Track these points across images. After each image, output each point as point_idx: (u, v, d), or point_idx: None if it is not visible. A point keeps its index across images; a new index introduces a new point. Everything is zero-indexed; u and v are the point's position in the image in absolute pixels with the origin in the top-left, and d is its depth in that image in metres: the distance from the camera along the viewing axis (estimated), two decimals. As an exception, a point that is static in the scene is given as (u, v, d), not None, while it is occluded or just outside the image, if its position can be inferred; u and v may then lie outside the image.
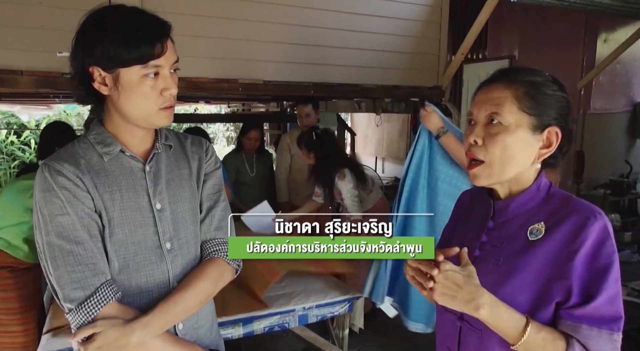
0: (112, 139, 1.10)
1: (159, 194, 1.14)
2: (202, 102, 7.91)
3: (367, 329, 3.21)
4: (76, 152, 1.08)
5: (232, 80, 3.33)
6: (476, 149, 1.00)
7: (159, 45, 1.02)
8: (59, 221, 1.02)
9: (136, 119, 1.08)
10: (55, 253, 1.02)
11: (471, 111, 1.03)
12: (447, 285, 0.89)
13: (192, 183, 1.21)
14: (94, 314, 1.02)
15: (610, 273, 0.90)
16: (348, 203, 3.10)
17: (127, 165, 1.12)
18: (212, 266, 1.19)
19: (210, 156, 1.27)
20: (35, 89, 2.84)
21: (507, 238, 1.01)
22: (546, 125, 0.97)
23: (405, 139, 7.91)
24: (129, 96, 1.04)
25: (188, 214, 1.19)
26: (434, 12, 4.07)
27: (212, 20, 3.21)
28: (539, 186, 1.01)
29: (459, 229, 1.15)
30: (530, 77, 0.98)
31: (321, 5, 3.59)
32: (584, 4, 3.22)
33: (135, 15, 1.04)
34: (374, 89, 3.96)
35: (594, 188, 5.52)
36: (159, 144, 1.16)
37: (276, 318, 2.48)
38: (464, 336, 1.05)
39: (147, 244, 1.11)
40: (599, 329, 0.88)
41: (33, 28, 2.72)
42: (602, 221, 0.92)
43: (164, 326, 1.08)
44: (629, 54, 5.13)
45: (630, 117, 5.86)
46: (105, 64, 1.02)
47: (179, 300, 1.10)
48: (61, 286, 1.02)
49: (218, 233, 1.23)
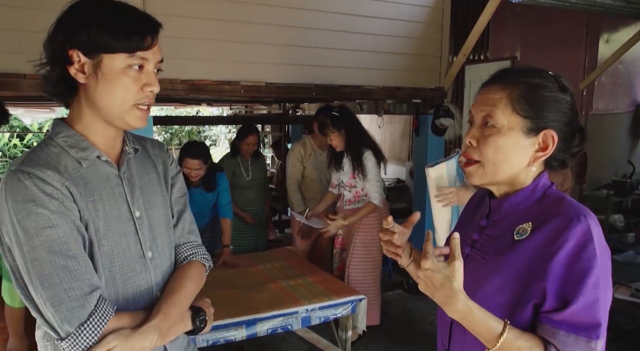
0: (86, 143, 1.02)
1: (137, 201, 1.10)
2: (204, 105, 7.92)
3: (370, 330, 3.21)
4: (49, 157, 0.99)
5: (234, 82, 3.34)
6: (471, 150, 1.01)
7: (149, 38, 0.99)
8: (48, 234, 0.92)
9: (110, 114, 1.00)
10: (47, 270, 0.92)
11: (470, 112, 1.04)
12: (427, 283, 0.90)
13: (162, 188, 1.18)
14: (99, 331, 0.96)
15: (588, 278, 0.86)
16: (372, 184, 3.08)
17: (102, 171, 1.05)
18: (193, 268, 1.20)
19: (173, 160, 1.25)
20: (37, 92, 2.85)
21: (496, 237, 1.02)
22: (542, 128, 0.96)
23: (407, 140, 7.91)
24: (108, 85, 0.97)
25: (162, 220, 1.16)
26: (435, 14, 4.07)
27: (214, 22, 3.22)
28: (535, 187, 1.00)
29: (463, 225, 1.16)
30: (527, 79, 0.97)
31: (323, 8, 3.60)
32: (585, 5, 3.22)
33: (127, 6, 1.01)
34: (376, 91, 3.96)
35: (596, 189, 5.51)
36: (129, 148, 1.11)
37: (279, 320, 2.48)
38: (454, 330, 1.07)
39: (131, 254, 1.07)
40: (576, 336, 0.86)
41: (36, 32, 2.71)
42: (585, 224, 0.89)
43: (169, 328, 1.07)
44: (631, 54, 5.12)
45: (632, 117, 5.85)
46: (88, 48, 0.96)
47: (176, 302, 1.09)
48: (56, 307, 0.92)
49: (191, 236, 1.24)
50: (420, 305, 3.96)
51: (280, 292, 2.73)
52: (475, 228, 1.08)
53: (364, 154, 3.09)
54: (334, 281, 3.01)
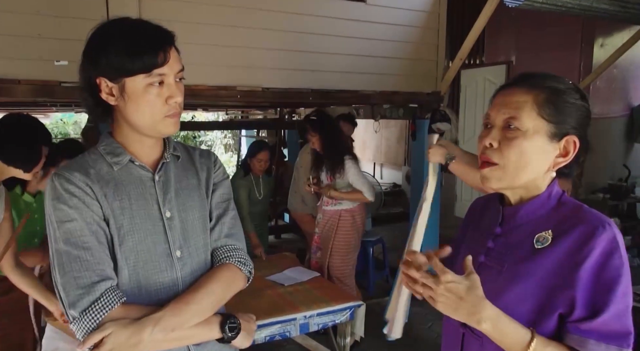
0: (121, 150, 1.12)
1: (169, 203, 1.14)
2: (200, 110, 7.90)
3: (368, 336, 3.18)
4: (86, 163, 1.11)
5: (230, 87, 3.33)
6: (491, 152, 0.98)
7: (162, 54, 1.04)
8: (67, 227, 1.03)
9: (143, 128, 1.09)
10: (63, 259, 1.02)
11: (489, 114, 1.01)
12: (448, 296, 0.86)
13: (201, 192, 1.21)
14: (100, 319, 1.00)
15: (618, 287, 0.86)
16: (359, 185, 3.23)
17: (136, 174, 1.13)
18: (224, 270, 1.19)
19: (219, 167, 1.28)
20: (32, 97, 2.82)
21: (514, 245, 0.99)
22: (564, 134, 0.95)
23: (404, 145, 7.92)
24: (135, 104, 1.06)
25: (198, 223, 1.19)
26: (432, 18, 4.08)
27: (211, 27, 3.21)
28: (550, 193, 0.99)
29: (469, 234, 1.14)
30: (552, 84, 0.96)
31: (320, 13, 3.59)
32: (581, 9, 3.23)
33: (139, 26, 1.06)
34: (373, 95, 3.96)
35: (592, 192, 5.52)
36: (168, 154, 1.18)
37: (277, 327, 2.46)
38: (466, 343, 1.04)
39: (157, 251, 1.11)
40: (607, 345, 0.85)
41: (30, 37, 2.71)
42: (611, 232, 0.88)
43: (176, 325, 1.05)
44: (626, 58, 5.13)
45: (627, 121, 5.87)
46: (110, 75, 1.04)
47: (190, 300, 1.09)
48: (67, 292, 1.01)
49: (229, 240, 1.23)
50: (418, 309, 3.93)
51: (277, 298, 2.71)
52: (488, 236, 1.05)
53: (345, 161, 3.25)
54: (331, 287, 2.99)
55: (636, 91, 5.84)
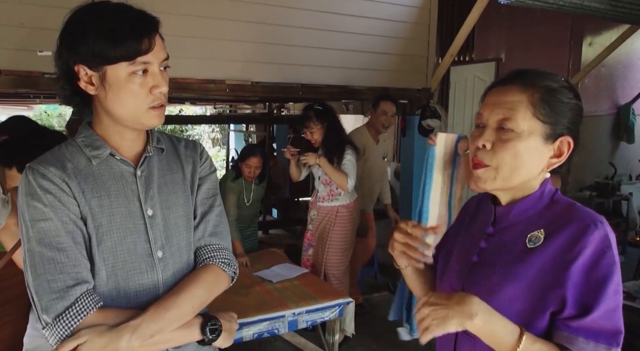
0: (101, 142, 1.05)
1: (151, 200, 1.08)
2: (188, 104, 7.81)
3: (358, 334, 3.17)
4: (63, 156, 1.03)
5: (219, 81, 3.28)
6: (483, 153, 0.95)
7: (147, 41, 0.97)
8: (41, 226, 0.96)
9: (125, 120, 1.03)
10: (36, 260, 0.96)
11: (481, 113, 0.97)
12: (435, 309, 0.87)
13: (185, 188, 1.15)
14: (75, 325, 0.95)
15: (609, 285, 0.85)
16: (348, 168, 3.14)
17: (117, 169, 1.06)
18: (207, 272, 1.13)
19: (205, 160, 1.21)
20: (14, 89, 2.75)
21: (506, 245, 0.98)
22: (559, 134, 0.93)
23: (393, 141, 7.91)
24: (117, 94, 0.98)
25: (181, 221, 1.13)
26: (422, 14, 4.06)
27: (200, 20, 3.15)
28: (542, 192, 0.97)
29: (462, 233, 1.12)
30: (546, 82, 0.93)
31: (310, 7, 3.55)
32: (572, 7, 3.23)
33: (121, 10, 0.98)
34: (363, 91, 3.93)
35: (579, 190, 5.57)
36: (151, 147, 1.11)
37: (265, 324, 2.43)
38: (459, 344, 1.03)
39: (137, 252, 1.05)
40: (596, 343, 0.85)
41: (12, 26, 2.62)
42: (603, 230, 0.87)
43: (155, 332, 1.00)
44: (613, 57, 5.18)
45: (614, 120, 5.93)
46: (90, 62, 0.97)
47: (170, 305, 1.03)
48: (39, 296, 0.95)
49: (213, 238, 1.17)
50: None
51: (266, 295, 2.68)
52: (480, 236, 1.03)
53: (346, 150, 3.17)
54: (320, 283, 2.97)
55: (623, 89, 5.90)
